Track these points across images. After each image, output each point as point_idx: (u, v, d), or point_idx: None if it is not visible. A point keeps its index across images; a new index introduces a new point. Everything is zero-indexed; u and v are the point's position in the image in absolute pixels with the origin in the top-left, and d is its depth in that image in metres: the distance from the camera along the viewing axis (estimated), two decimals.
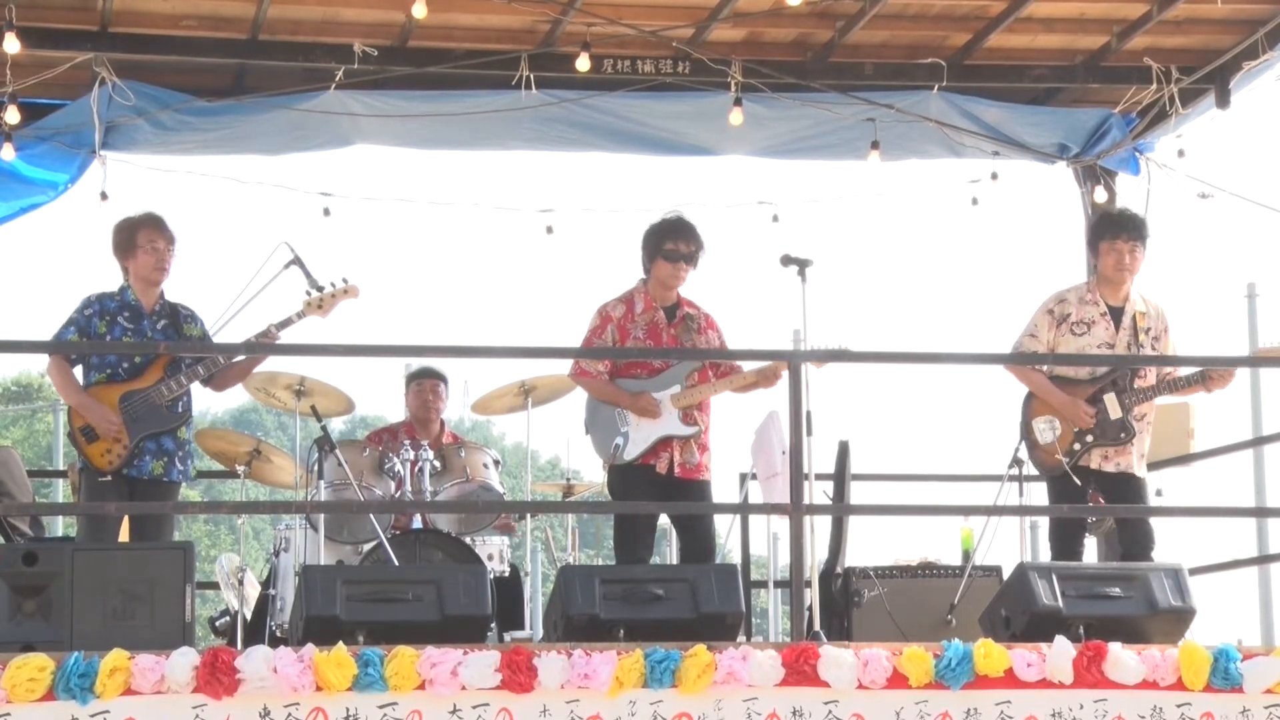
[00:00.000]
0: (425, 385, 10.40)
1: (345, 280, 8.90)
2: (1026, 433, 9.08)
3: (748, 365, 9.09)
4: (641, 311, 9.14)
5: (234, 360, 8.89)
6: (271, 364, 9.51)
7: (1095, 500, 9.13)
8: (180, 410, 8.75)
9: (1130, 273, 9.07)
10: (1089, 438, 8.91)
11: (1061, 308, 9.05)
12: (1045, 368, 9.03)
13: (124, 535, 8.85)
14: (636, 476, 8.96)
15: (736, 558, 9.86)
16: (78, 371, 8.78)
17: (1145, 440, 9.04)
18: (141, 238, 8.83)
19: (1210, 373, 8.87)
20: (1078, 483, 8.89)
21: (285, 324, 8.79)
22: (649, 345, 9.09)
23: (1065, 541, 9.01)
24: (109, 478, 8.61)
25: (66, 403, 8.78)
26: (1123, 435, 8.91)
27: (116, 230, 8.89)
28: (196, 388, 8.87)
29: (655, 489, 8.91)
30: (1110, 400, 8.92)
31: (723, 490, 10.19)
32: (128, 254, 8.85)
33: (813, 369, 8.40)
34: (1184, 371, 8.95)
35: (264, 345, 8.76)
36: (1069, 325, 9.02)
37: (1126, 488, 8.97)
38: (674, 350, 9.11)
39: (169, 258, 8.86)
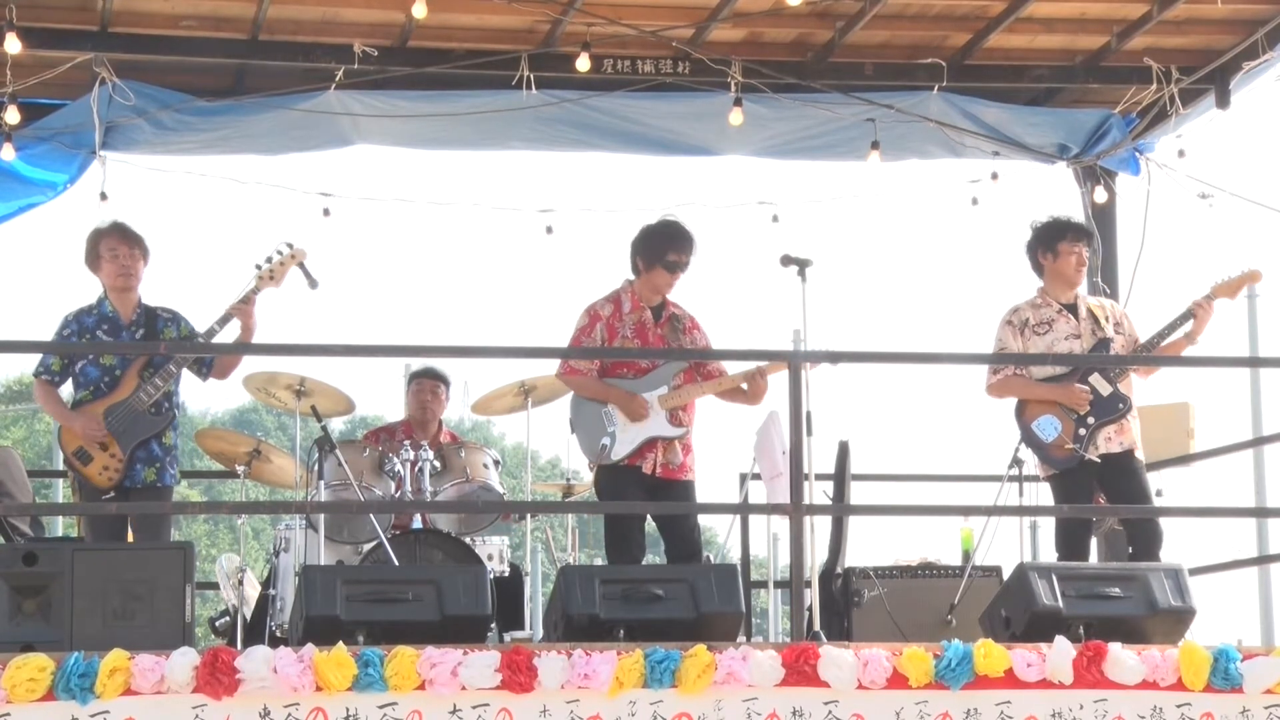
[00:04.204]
0: (425, 386, 10.39)
1: (290, 245, 8.86)
2: (1030, 439, 9.10)
3: (738, 371, 9.09)
4: (629, 311, 9.12)
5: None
6: (271, 364, 9.51)
7: (1097, 500, 9.15)
8: (164, 411, 8.75)
9: (1084, 275, 9.30)
10: (1090, 420, 8.95)
11: (1018, 316, 9.20)
12: (1025, 374, 9.07)
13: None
14: (624, 477, 8.95)
15: (736, 558, 9.86)
16: (65, 393, 8.83)
17: (1137, 424, 9.09)
18: (103, 248, 8.84)
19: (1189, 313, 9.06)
20: (1093, 460, 8.88)
21: (245, 300, 8.76)
22: (637, 345, 9.08)
23: (1072, 541, 9.01)
24: (111, 494, 8.65)
25: (56, 421, 8.82)
26: (1121, 406, 8.99)
27: (85, 243, 8.90)
28: (197, 383, 8.93)
29: (642, 489, 8.91)
30: (1096, 380, 9.01)
31: (723, 490, 10.20)
32: (95, 265, 8.87)
33: (826, 368, 8.46)
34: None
35: (264, 347, 8.80)
36: (1030, 329, 9.16)
37: (1130, 470, 9.01)
38: (670, 350, 9.10)
39: (135, 264, 8.84)
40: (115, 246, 8.84)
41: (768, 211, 11.69)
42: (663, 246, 9.07)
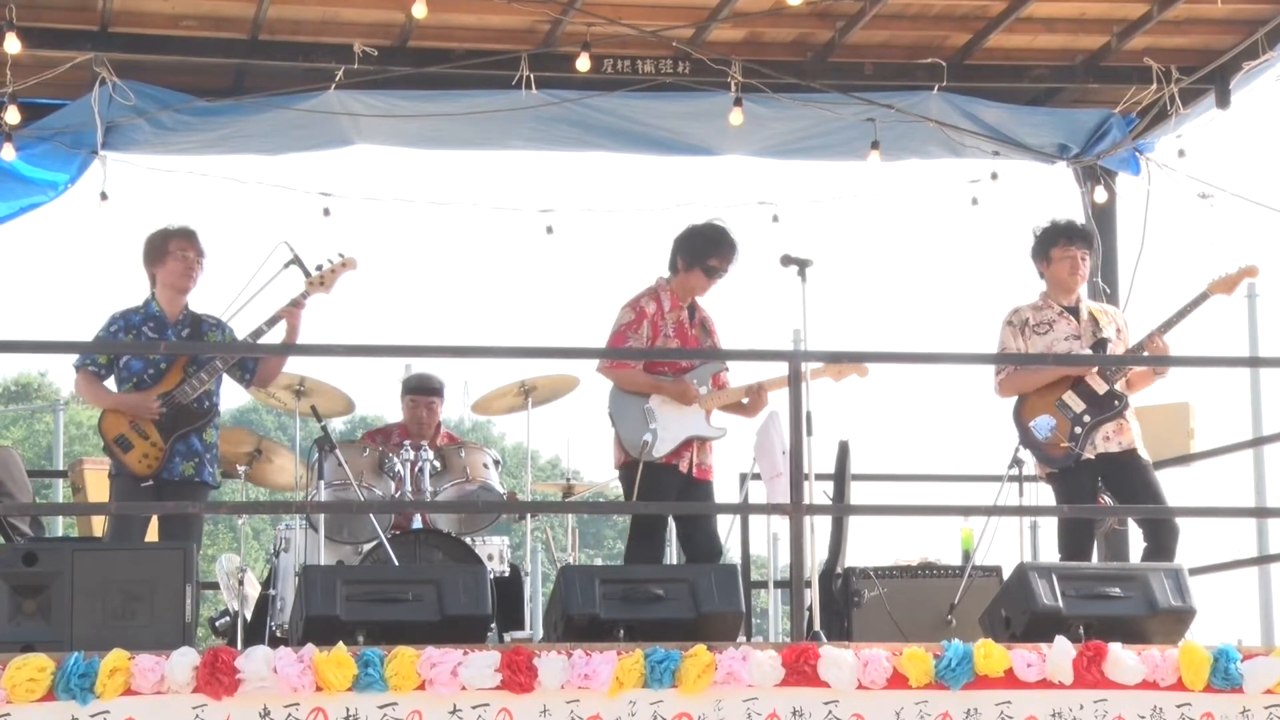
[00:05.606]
0: (419, 402, 10.32)
1: (342, 255, 8.98)
2: (1027, 438, 9.11)
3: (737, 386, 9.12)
4: (669, 310, 9.18)
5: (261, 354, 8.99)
6: None
7: (1100, 501, 9.15)
8: (206, 407, 8.83)
9: (1082, 278, 9.27)
10: (1086, 418, 8.95)
11: (1018, 317, 9.21)
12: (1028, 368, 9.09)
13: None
14: (664, 475, 8.98)
15: (736, 558, 9.86)
16: (108, 386, 8.89)
17: (1136, 424, 9.08)
18: (173, 245, 8.94)
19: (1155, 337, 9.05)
20: (1090, 459, 8.87)
21: (295, 304, 8.85)
22: (677, 344, 9.14)
23: (1074, 541, 9.00)
24: (150, 482, 8.68)
25: (104, 408, 8.85)
26: (1117, 404, 9.00)
27: (148, 240, 9.01)
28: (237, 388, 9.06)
29: (677, 489, 8.97)
30: (1093, 378, 9.01)
31: (723, 490, 10.20)
32: (158, 261, 8.95)
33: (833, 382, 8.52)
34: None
35: (263, 347, 8.84)
36: (1030, 329, 9.17)
37: (1134, 467, 9.00)
38: (676, 351, 9.13)
39: (197, 269, 8.98)
40: (186, 248, 8.96)
41: (768, 211, 11.69)
42: (707, 250, 9.12)
